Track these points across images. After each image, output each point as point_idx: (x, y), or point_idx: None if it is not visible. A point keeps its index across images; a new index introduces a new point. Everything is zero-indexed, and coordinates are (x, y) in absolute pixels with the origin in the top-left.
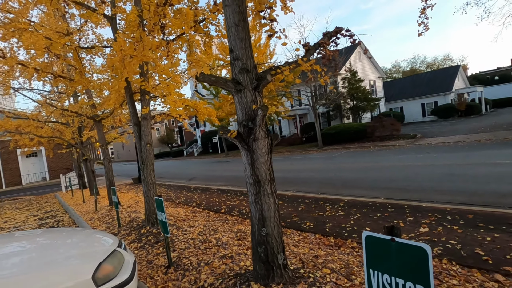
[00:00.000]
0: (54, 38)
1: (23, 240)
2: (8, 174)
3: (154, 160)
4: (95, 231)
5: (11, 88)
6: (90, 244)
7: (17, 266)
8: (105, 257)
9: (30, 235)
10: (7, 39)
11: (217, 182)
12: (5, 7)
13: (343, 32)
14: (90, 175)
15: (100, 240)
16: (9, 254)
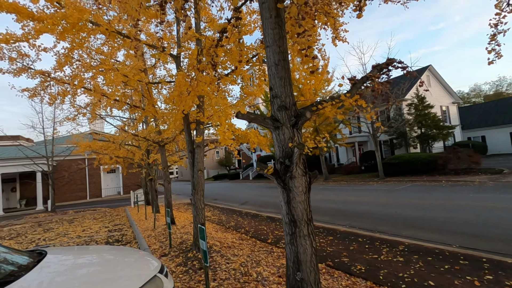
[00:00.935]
0: (130, 76)
1: (71, 255)
2: (92, 187)
3: (212, 181)
4: (136, 252)
5: (97, 116)
6: (128, 268)
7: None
8: (143, 283)
9: (76, 252)
10: (95, 78)
11: (268, 208)
12: (99, 50)
13: (395, 64)
14: (153, 194)
15: (139, 264)
16: (51, 273)
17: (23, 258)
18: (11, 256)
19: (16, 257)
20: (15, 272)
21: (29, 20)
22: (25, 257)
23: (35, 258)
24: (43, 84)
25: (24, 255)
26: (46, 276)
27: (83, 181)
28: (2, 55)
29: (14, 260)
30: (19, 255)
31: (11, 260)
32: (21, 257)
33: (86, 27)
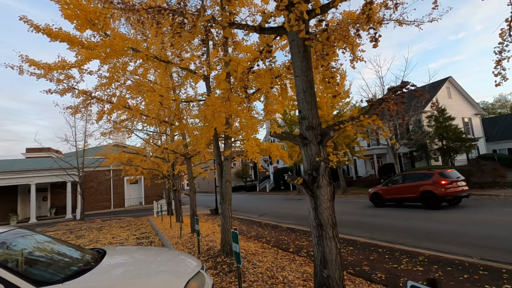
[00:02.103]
0: (165, 96)
1: (128, 253)
2: (116, 197)
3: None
4: (181, 253)
5: (131, 131)
6: (177, 263)
7: (124, 273)
8: (192, 275)
9: (131, 251)
10: (134, 97)
11: (287, 220)
12: (135, 71)
13: (408, 87)
14: (178, 204)
15: (185, 261)
16: (118, 264)
17: (91, 253)
18: (80, 252)
19: (84, 253)
20: (89, 263)
21: (79, 47)
22: (90, 253)
23: (99, 254)
24: (85, 102)
25: (88, 252)
26: (113, 266)
27: (107, 192)
28: (51, 77)
29: (85, 254)
30: (84, 252)
31: (81, 254)
32: (89, 253)
33: (126, 52)
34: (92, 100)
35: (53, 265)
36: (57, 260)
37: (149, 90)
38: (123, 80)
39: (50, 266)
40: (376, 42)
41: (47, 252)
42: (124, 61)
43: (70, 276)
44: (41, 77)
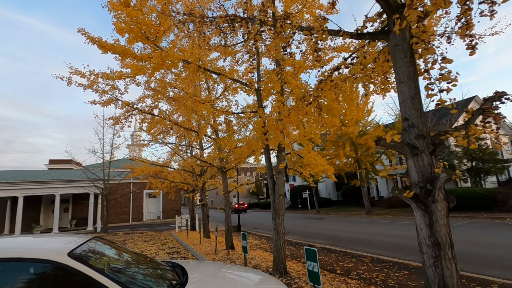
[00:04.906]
0: (209, 108)
1: (205, 268)
2: (135, 211)
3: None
4: (262, 273)
5: (166, 143)
6: (271, 282)
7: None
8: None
9: (205, 265)
10: (179, 111)
11: (316, 239)
12: (172, 84)
13: (508, 96)
14: (205, 219)
15: (276, 280)
16: (207, 280)
17: (166, 266)
18: (158, 264)
19: (161, 265)
20: (175, 277)
21: (131, 58)
22: (166, 266)
23: (173, 267)
24: (126, 114)
25: (164, 264)
26: (205, 284)
27: (127, 205)
28: (97, 88)
29: (164, 266)
30: (161, 265)
31: (161, 266)
32: (164, 265)
33: (177, 64)
34: (133, 112)
35: (148, 277)
36: (149, 273)
37: (199, 102)
38: (167, 92)
39: (146, 278)
40: (473, 49)
41: (135, 263)
42: (175, 73)
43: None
44: (87, 88)
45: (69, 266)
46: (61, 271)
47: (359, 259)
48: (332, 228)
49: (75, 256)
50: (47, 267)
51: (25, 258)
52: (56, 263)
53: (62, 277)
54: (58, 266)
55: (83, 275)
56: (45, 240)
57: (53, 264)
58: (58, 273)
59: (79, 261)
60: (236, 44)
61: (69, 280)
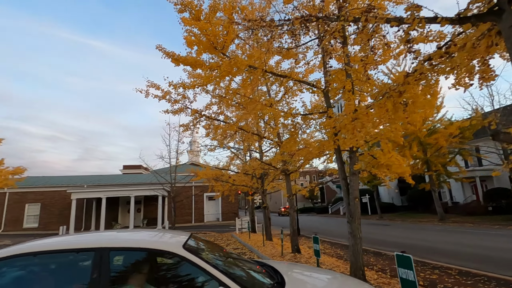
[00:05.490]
0: (277, 110)
1: (299, 270)
2: (196, 212)
3: (299, 214)
4: (354, 279)
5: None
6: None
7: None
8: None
9: (297, 268)
10: (246, 115)
11: (385, 247)
12: (237, 91)
13: None
14: (267, 221)
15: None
16: (310, 279)
17: (263, 265)
18: (250, 263)
19: (251, 264)
20: (272, 277)
21: (203, 68)
22: (255, 265)
23: (261, 267)
24: (194, 120)
25: (253, 263)
26: (301, 283)
27: (189, 207)
28: (169, 98)
29: (253, 265)
30: (251, 263)
31: (253, 266)
32: (254, 264)
33: (243, 70)
34: (201, 118)
35: (246, 270)
36: (245, 267)
37: (266, 105)
38: (231, 98)
39: (245, 271)
40: None
41: (229, 257)
42: (244, 79)
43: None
44: (161, 98)
45: (183, 256)
46: (177, 260)
47: (443, 271)
48: (401, 235)
49: (186, 248)
50: (167, 256)
51: (151, 249)
52: (174, 254)
53: (178, 264)
54: (176, 255)
55: (194, 263)
56: (159, 235)
57: (172, 254)
58: (175, 261)
59: (190, 252)
60: (302, 45)
61: (183, 267)
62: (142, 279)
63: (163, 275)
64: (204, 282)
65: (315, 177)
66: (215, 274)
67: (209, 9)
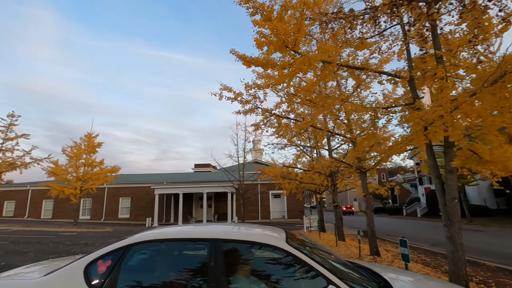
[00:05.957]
0: (356, 105)
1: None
2: (263, 209)
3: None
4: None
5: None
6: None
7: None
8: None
9: (404, 272)
10: (318, 112)
11: (484, 256)
12: (310, 87)
13: None
14: (339, 221)
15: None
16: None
17: (358, 267)
18: (353, 266)
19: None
20: (378, 280)
21: (276, 67)
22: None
23: (367, 269)
24: (264, 120)
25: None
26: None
27: (256, 203)
28: (241, 99)
29: (358, 267)
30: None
31: (357, 267)
32: (358, 266)
33: (315, 66)
34: (271, 118)
35: (347, 269)
36: (345, 265)
37: (343, 100)
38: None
39: (346, 270)
40: None
41: (327, 254)
42: (320, 74)
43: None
44: (233, 100)
45: (288, 251)
46: (282, 254)
47: None
48: (497, 243)
49: (290, 243)
50: (271, 250)
51: (258, 242)
52: (279, 248)
53: (281, 259)
54: (281, 250)
55: (299, 259)
56: (259, 229)
57: (277, 248)
58: (280, 256)
59: (293, 247)
60: (381, 33)
61: (286, 262)
62: (248, 270)
63: (266, 267)
64: (308, 278)
65: (384, 176)
66: (322, 271)
67: (280, 8)
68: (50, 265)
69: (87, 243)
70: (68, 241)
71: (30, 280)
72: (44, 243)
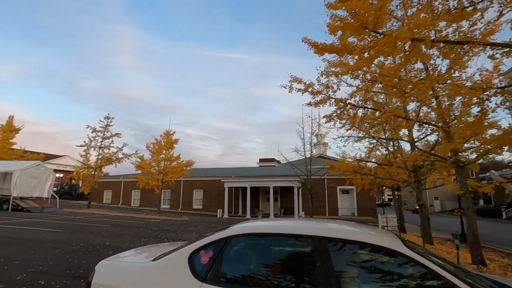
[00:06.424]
0: (462, 87)
1: None
2: (330, 205)
3: (450, 215)
4: None
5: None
6: None
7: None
8: None
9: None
10: (403, 97)
11: None
12: (396, 68)
13: None
14: (425, 222)
15: None
16: None
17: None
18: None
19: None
20: None
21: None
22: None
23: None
24: (337, 110)
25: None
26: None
27: (323, 199)
28: (312, 90)
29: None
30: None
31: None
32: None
33: (398, 47)
34: (346, 107)
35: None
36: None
37: (440, 82)
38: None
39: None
40: None
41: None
42: (405, 55)
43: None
44: (304, 91)
45: (410, 257)
46: (402, 260)
47: None
48: None
49: (409, 247)
50: (386, 253)
51: (372, 244)
52: (398, 252)
53: (402, 264)
54: (400, 254)
55: (424, 266)
56: (367, 229)
57: (396, 253)
58: (399, 261)
59: (415, 252)
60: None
61: (409, 268)
62: (359, 274)
63: (384, 272)
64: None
65: (473, 172)
66: (455, 282)
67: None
68: (155, 250)
69: (170, 230)
70: (154, 227)
71: (142, 264)
72: (135, 227)
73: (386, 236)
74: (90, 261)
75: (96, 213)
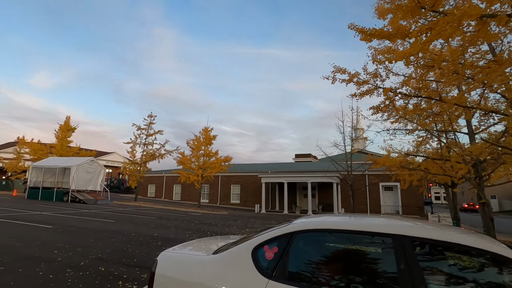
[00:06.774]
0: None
1: None
2: (372, 202)
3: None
4: None
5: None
6: None
7: None
8: None
9: None
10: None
11: None
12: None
13: None
14: (489, 223)
15: None
16: None
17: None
18: None
19: None
20: None
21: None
22: None
23: None
24: (385, 101)
25: None
26: None
27: (364, 196)
28: (357, 80)
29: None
30: None
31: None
32: None
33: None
34: (395, 98)
35: None
36: None
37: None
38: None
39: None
40: None
41: None
42: (470, 36)
43: None
44: (348, 82)
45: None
46: (501, 260)
47: None
48: None
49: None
50: (487, 257)
51: (472, 247)
52: (496, 254)
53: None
54: (497, 255)
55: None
56: (467, 233)
57: (504, 258)
58: (506, 267)
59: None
60: None
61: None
62: (456, 281)
63: (489, 283)
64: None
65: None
66: None
67: None
68: (213, 243)
69: (211, 224)
70: (196, 220)
71: (203, 256)
72: (179, 220)
73: (485, 238)
74: (142, 251)
75: (143, 205)
